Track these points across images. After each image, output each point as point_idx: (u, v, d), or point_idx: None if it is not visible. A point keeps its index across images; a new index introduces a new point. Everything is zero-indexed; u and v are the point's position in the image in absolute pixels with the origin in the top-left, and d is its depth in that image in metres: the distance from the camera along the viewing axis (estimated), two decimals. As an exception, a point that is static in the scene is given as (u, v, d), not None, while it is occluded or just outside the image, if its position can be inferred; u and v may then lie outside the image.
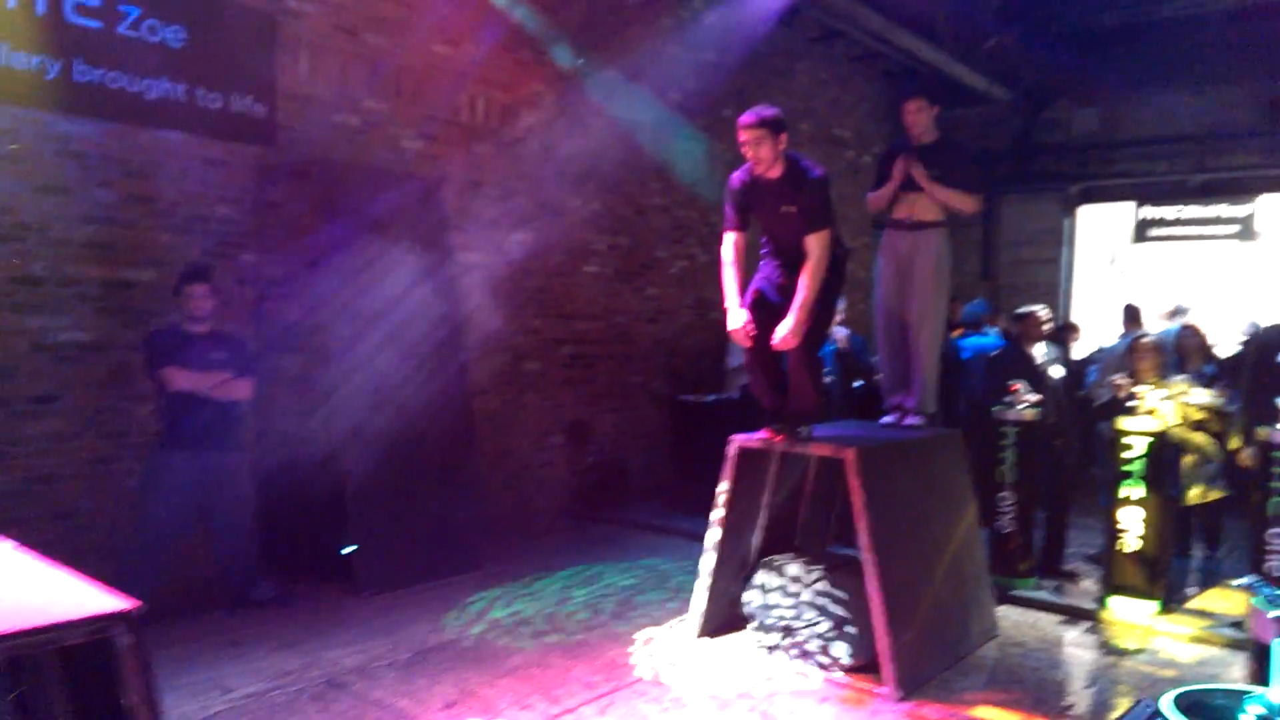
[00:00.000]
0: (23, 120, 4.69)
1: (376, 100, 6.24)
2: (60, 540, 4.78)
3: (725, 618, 4.79)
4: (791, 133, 10.54)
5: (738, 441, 4.62)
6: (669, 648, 4.61)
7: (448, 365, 6.02)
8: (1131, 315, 8.13)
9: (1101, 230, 11.75)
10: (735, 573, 4.81)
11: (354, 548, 5.38)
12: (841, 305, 6.33)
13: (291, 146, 5.74)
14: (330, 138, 5.98)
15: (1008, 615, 5.21)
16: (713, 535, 4.67)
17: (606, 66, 7.70)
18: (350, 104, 6.09)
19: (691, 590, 4.82)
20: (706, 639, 4.68)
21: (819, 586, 4.34)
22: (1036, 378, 5.89)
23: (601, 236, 8.12)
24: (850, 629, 4.24)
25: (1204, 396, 5.60)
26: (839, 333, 7.26)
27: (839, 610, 4.27)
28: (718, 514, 4.65)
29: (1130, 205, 11.32)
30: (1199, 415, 5.52)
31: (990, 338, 7.56)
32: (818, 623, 4.30)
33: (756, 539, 4.93)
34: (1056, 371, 6.10)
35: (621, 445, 8.30)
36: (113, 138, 5.00)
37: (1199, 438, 5.59)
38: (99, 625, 1.68)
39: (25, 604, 1.73)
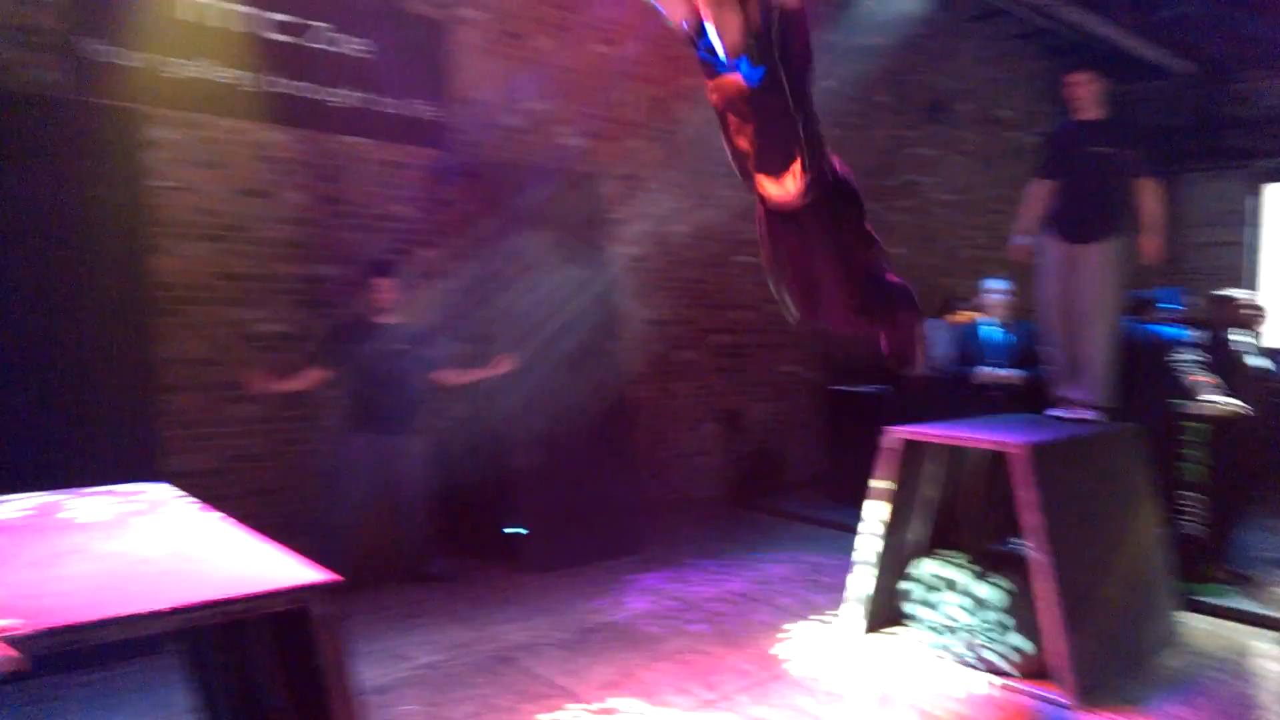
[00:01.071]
0: (226, 129, 5.13)
1: (540, 101, 6.47)
2: (256, 515, 5.18)
3: (883, 613, 4.72)
4: (951, 114, 10.21)
5: (895, 433, 4.54)
6: (825, 641, 4.59)
7: (605, 353, 6.18)
8: None
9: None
10: (893, 567, 4.73)
11: (519, 529, 5.62)
12: (1003, 288, 6.06)
13: (462, 148, 6.03)
14: (497, 138, 6.24)
15: (1192, 623, 4.90)
16: (869, 528, 4.62)
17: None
18: (515, 105, 6.34)
19: (847, 584, 4.78)
20: (863, 634, 4.63)
21: (984, 585, 4.22)
22: (1234, 368, 5.49)
23: (753, 226, 8.08)
24: (1018, 631, 4.10)
25: None
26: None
27: (1006, 611, 4.14)
28: (874, 507, 4.59)
29: (1324, 182, 10.34)
30: None
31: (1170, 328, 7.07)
32: (983, 623, 4.19)
33: (916, 533, 4.83)
34: (1255, 361, 5.66)
35: (775, 434, 8.28)
36: (304, 144, 5.40)
37: None
38: (300, 595, 1.82)
39: (235, 572, 1.89)
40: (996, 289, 6.11)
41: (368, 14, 5.58)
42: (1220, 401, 5.26)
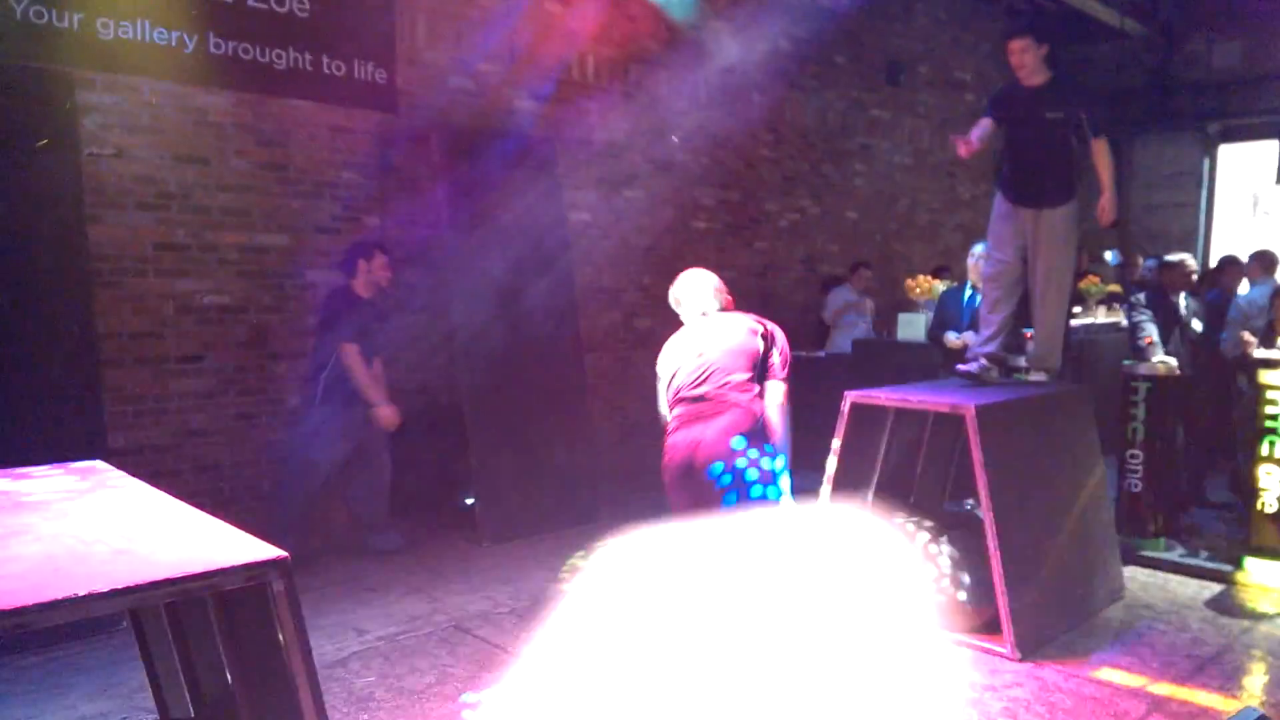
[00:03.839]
0: (164, 93, 4.96)
1: (491, 63, 6.33)
2: (206, 490, 5.14)
3: (839, 573, 4.78)
4: (909, 75, 10.23)
5: (851, 397, 4.58)
6: (783, 602, 4.65)
7: (561, 322, 6.14)
8: (1264, 263, 7.47)
9: (1243, 171, 11.01)
10: (849, 529, 4.79)
11: (475, 500, 5.59)
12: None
13: (411, 112, 5.90)
14: (447, 102, 6.11)
15: (1136, 576, 5.05)
16: (825, 492, 4.66)
17: (717, 18, 7.60)
18: (465, 68, 6.20)
19: (805, 545, 4.83)
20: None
21: (936, 544, 4.30)
22: (1179, 330, 5.62)
23: (711, 191, 8.08)
24: (969, 587, 4.19)
25: None
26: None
27: (957, 568, 4.22)
28: (830, 471, 4.63)
29: (1274, 143, 10.57)
30: None
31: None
32: (935, 581, 4.26)
33: (870, 496, 4.89)
34: (1198, 325, 5.81)
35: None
36: (246, 107, 5.24)
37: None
38: (255, 571, 1.78)
39: (187, 550, 1.85)
40: (979, 253, 6.00)
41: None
42: (1162, 361, 5.38)
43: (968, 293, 5.97)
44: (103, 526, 1.98)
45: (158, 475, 4.83)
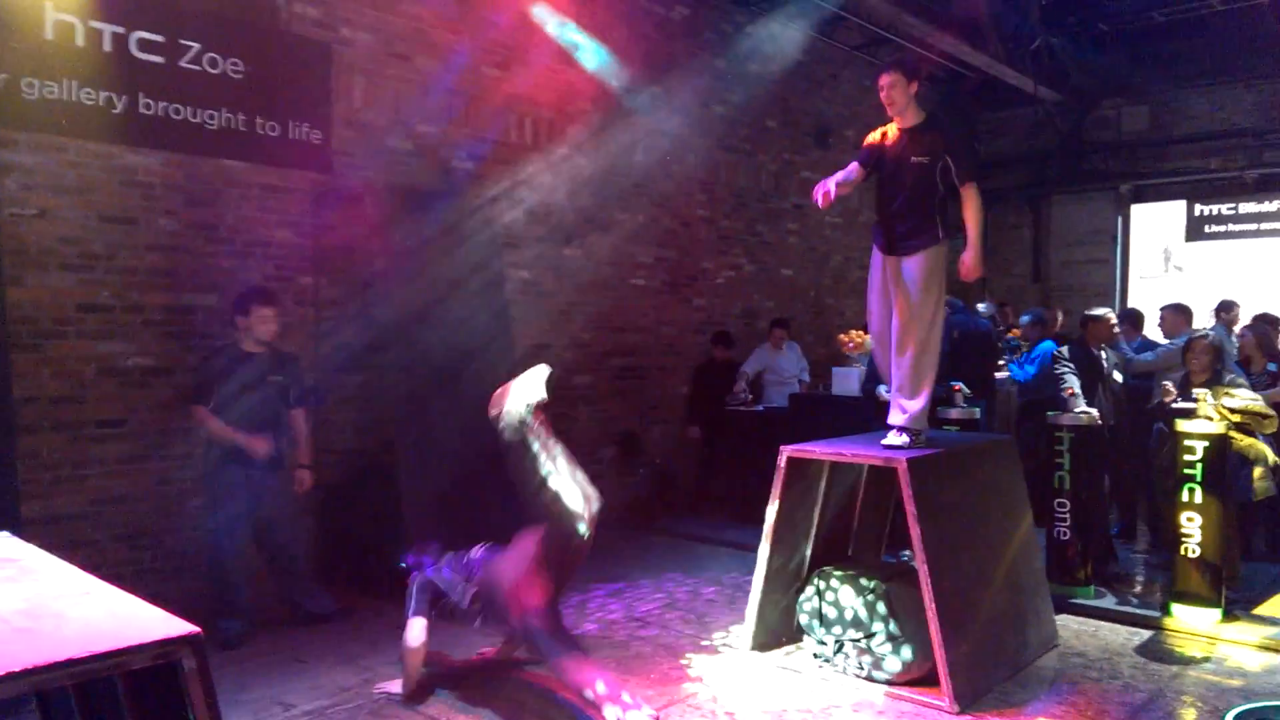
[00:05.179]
0: (91, 153, 4.88)
1: (428, 124, 6.37)
2: (126, 560, 4.95)
3: (779, 629, 4.78)
4: (836, 139, 10.54)
5: (787, 452, 4.62)
6: (723, 661, 4.61)
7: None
8: (1130, 320, 7.54)
9: (1154, 229, 11.52)
10: (788, 584, 4.80)
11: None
12: None
13: (347, 171, 5.88)
14: (384, 162, 6.11)
15: (1067, 624, 5.12)
16: (764, 546, 4.67)
17: (651, 82, 7.77)
18: (403, 128, 6.23)
19: (744, 602, 4.81)
20: (760, 651, 4.67)
21: (874, 597, 4.31)
22: (1102, 382, 5.81)
23: (648, 249, 8.17)
24: (907, 640, 4.20)
25: (1243, 399, 5.35)
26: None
27: (895, 621, 4.24)
28: (769, 525, 4.65)
29: (1183, 203, 11.10)
30: (1235, 417, 5.29)
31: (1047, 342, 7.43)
32: (873, 634, 4.27)
33: (809, 549, 4.91)
34: (1119, 376, 6.01)
35: (673, 456, 8.31)
36: (176, 168, 5.17)
37: (1241, 439, 5.36)
38: (165, 649, 1.72)
39: (94, 628, 1.78)
40: None
41: (243, 34, 5.40)
42: (1085, 412, 5.53)
43: None
44: (3, 604, 1.90)
45: (74, 545, 4.65)
